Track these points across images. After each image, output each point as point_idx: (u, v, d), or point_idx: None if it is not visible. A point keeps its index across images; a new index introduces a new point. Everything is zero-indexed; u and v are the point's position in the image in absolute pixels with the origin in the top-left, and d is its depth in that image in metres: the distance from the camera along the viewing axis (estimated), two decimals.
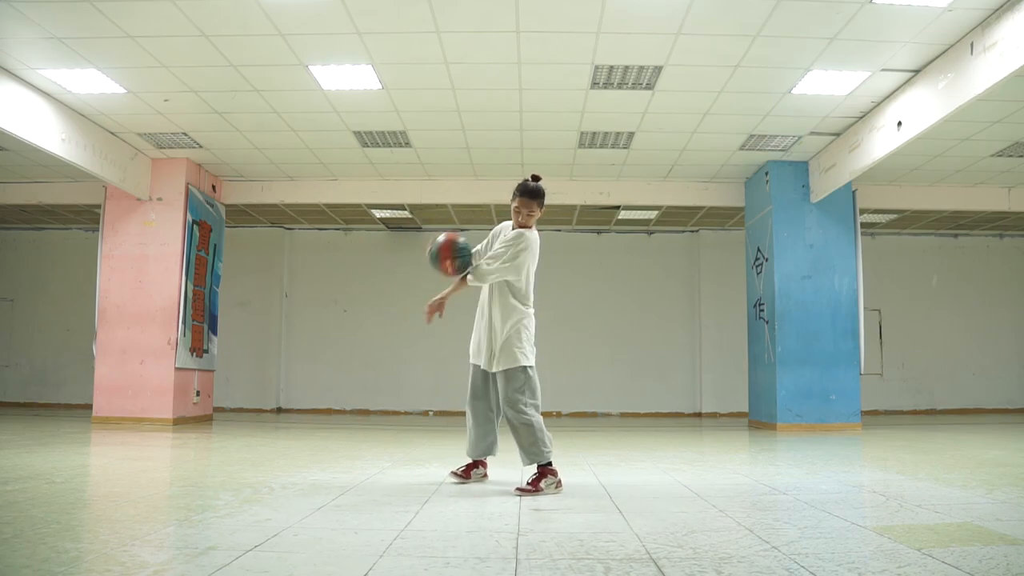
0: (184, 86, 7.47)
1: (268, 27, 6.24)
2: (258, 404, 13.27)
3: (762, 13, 5.97)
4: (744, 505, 3.69)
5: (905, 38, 6.32)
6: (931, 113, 6.84)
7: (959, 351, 13.50)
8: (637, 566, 2.44)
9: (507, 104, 7.93)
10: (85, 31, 6.29)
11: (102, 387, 9.54)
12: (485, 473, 4.51)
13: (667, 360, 13.40)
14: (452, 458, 5.78)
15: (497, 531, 2.97)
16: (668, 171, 10.23)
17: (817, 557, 2.55)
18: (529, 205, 4.19)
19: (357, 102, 7.89)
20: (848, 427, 9.34)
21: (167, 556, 2.57)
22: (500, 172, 10.25)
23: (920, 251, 13.71)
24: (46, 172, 10.15)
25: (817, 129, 8.62)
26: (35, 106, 7.57)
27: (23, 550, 2.56)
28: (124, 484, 4.31)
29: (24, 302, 13.65)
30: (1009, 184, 10.48)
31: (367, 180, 10.71)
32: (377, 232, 13.77)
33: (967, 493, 3.99)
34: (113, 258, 9.76)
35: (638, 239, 13.67)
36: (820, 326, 9.54)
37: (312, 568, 2.40)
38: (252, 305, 13.44)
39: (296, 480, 4.46)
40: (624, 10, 5.97)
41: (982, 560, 2.49)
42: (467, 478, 4.42)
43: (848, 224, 9.74)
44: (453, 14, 6.05)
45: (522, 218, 4.21)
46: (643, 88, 7.45)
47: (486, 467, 4.54)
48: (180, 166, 9.81)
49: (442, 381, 13.28)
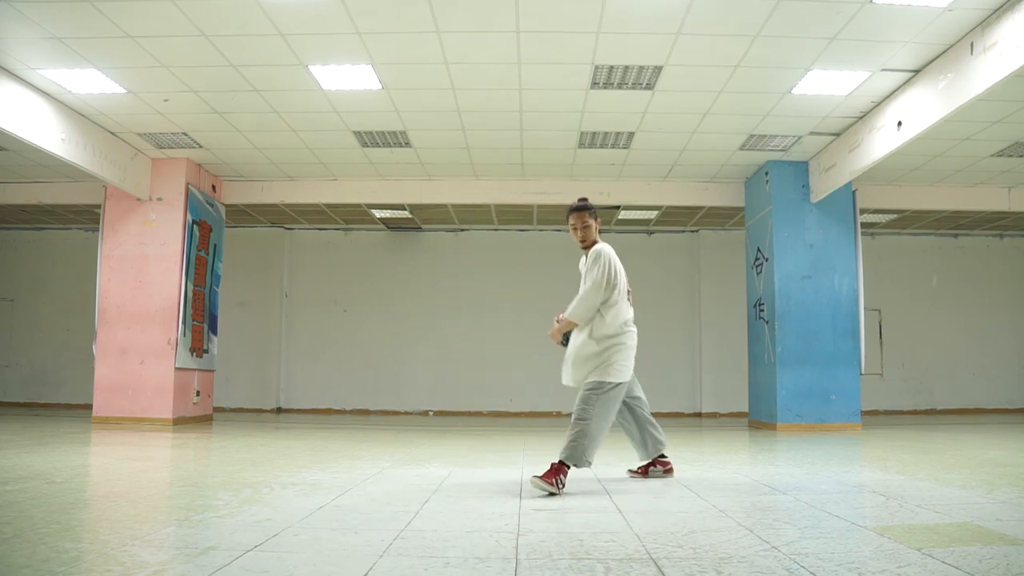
0: (184, 86, 7.47)
1: (268, 27, 6.24)
2: (258, 404, 13.27)
3: (762, 13, 5.97)
4: (744, 505, 3.69)
5: (905, 38, 6.32)
6: (931, 113, 6.84)
7: (959, 351, 13.50)
8: (637, 566, 2.44)
9: (507, 104, 7.93)
10: (85, 31, 6.29)
11: (102, 387, 9.54)
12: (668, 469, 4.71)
13: (667, 360, 13.40)
14: (452, 458, 5.78)
15: (497, 531, 2.97)
16: (668, 171, 10.23)
17: (817, 557, 2.55)
18: (580, 217, 4.41)
19: (357, 102, 7.89)
20: (848, 427, 9.34)
21: (167, 556, 2.57)
22: (500, 172, 10.25)
23: (920, 251, 13.71)
24: (46, 172, 10.15)
25: (817, 129, 8.62)
26: (35, 106, 7.57)
27: (23, 550, 2.56)
28: (124, 484, 4.31)
29: (24, 302, 13.65)
30: (1009, 184, 10.48)
31: (367, 180, 10.71)
32: (377, 232, 13.77)
33: (967, 493, 3.99)
34: (113, 258, 9.76)
35: (638, 239, 13.67)
36: (820, 326, 9.54)
37: (312, 568, 2.40)
38: (252, 305, 13.44)
39: (296, 480, 4.46)
40: (624, 10, 5.97)
41: (982, 560, 2.49)
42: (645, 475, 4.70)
43: (848, 224, 9.74)
44: (453, 14, 6.05)
45: (580, 234, 4.42)
46: (643, 88, 7.45)
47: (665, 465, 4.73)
48: (180, 166, 9.81)
49: (442, 381, 13.29)
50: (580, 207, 4.43)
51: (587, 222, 4.39)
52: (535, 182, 10.56)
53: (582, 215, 4.40)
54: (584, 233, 4.40)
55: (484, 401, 13.19)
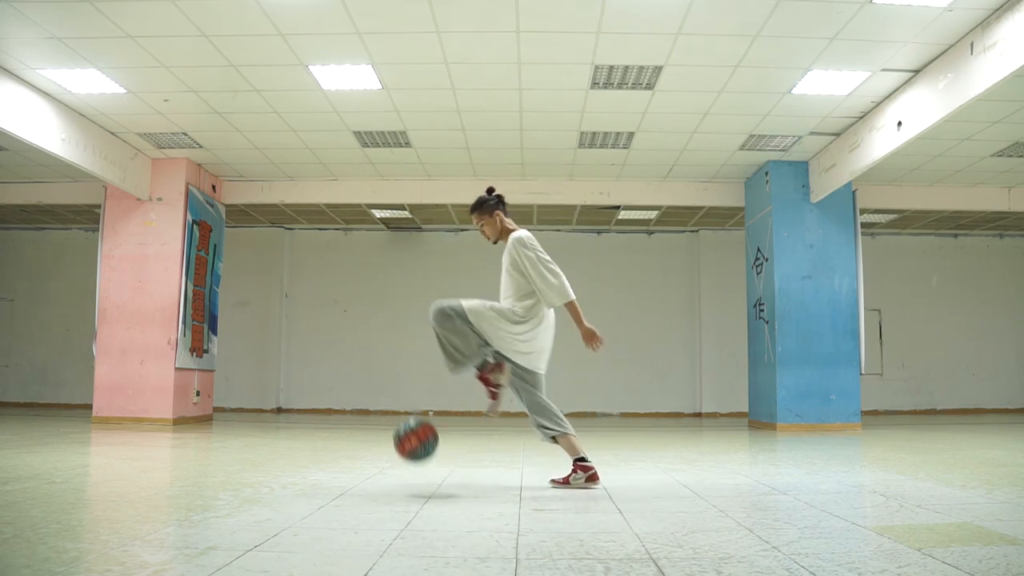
0: (184, 86, 7.47)
1: (268, 27, 6.24)
2: (258, 404, 13.27)
3: (762, 13, 5.97)
4: (744, 505, 3.69)
5: (905, 38, 6.32)
6: (931, 113, 6.84)
7: (959, 351, 13.50)
8: (637, 566, 2.44)
9: (507, 104, 7.93)
10: (85, 31, 6.29)
11: (102, 387, 9.54)
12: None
13: (667, 360, 13.40)
14: (452, 458, 5.77)
15: (497, 531, 2.97)
16: (668, 171, 10.23)
17: (817, 557, 2.55)
18: (477, 218, 4.30)
19: (357, 102, 7.89)
20: (848, 427, 9.34)
21: (167, 556, 2.57)
22: (500, 172, 10.24)
23: (920, 251, 13.71)
24: (46, 172, 10.15)
25: (817, 129, 8.62)
26: (35, 106, 7.56)
27: (23, 550, 2.56)
28: (124, 484, 4.31)
29: (24, 302, 13.65)
30: (1009, 184, 10.48)
31: (367, 180, 10.71)
32: (377, 232, 13.77)
33: (967, 493, 3.99)
34: (113, 258, 9.76)
35: (638, 239, 13.67)
36: (820, 326, 9.54)
37: (312, 568, 2.40)
38: (252, 305, 13.44)
39: (296, 480, 4.45)
40: (624, 10, 5.97)
41: (982, 560, 2.49)
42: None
43: (848, 224, 9.74)
44: (453, 14, 6.05)
45: (486, 231, 4.31)
46: (643, 88, 7.45)
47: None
48: (180, 166, 9.81)
49: (442, 381, 13.25)
50: (473, 206, 4.31)
51: (484, 219, 4.28)
52: (535, 182, 10.56)
53: (478, 216, 4.29)
54: (488, 231, 4.30)
55: (484, 401, 13.14)
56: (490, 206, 4.30)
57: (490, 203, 4.31)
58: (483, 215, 4.30)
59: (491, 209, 4.30)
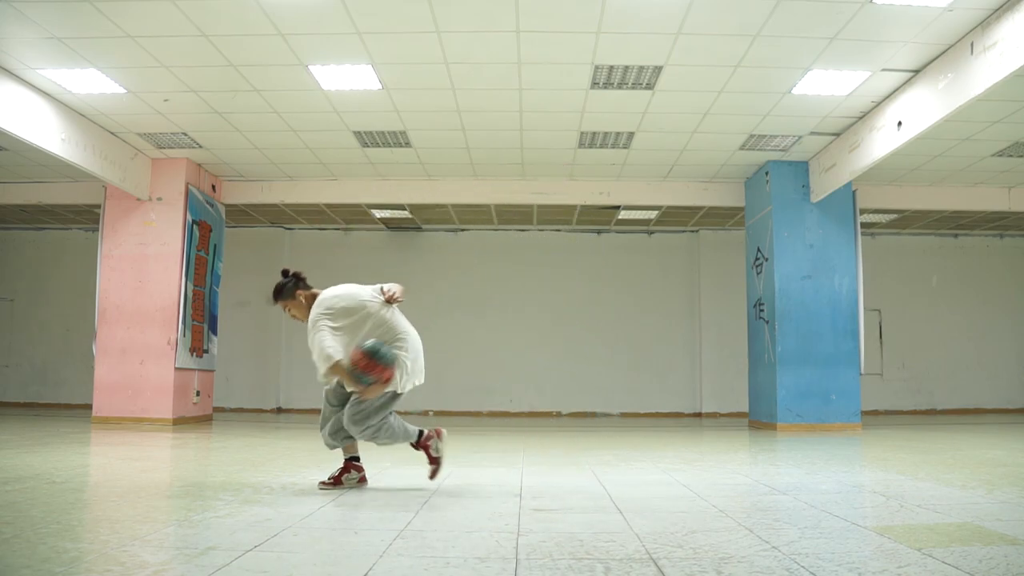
0: (184, 86, 7.47)
1: (268, 27, 6.24)
2: (258, 404, 13.27)
3: (762, 13, 5.97)
4: (744, 505, 3.69)
5: (905, 38, 6.32)
6: (931, 113, 6.84)
7: (959, 351, 13.50)
8: (637, 566, 2.44)
9: (507, 104, 7.92)
10: (85, 31, 6.29)
11: (102, 387, 9.54)
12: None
13: (667, 360, 13.40)
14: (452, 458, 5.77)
15: (497, 531, 2.97)
16: (668, 171, 10.23)
17: (817, 557, 2.55)
18: (283, 307, 4.10)
19: (357, 102, 7.88)
20: (848, 427, 9.34)
21: (167, 556, 2.57)
22: (500, 172, 10.24)
23: (920, 251, 13.71)
24: (46, 172, 10.15)
25: (817, 129, 8.62)
26: (35, 106, 7.56)
27: (23, 550, 2.56)
28: (124, 484, 4.31)
29: (24, 302, 13.65)
30: (1009, 184, 10.48)
31: (367, 180, 10.71)
32: (377, 232, 13.77)
33: (967, 493, 3.99)
34: (113, 258, 9.76)
35: (638, 239, 13.66)
36: (820, 326, 9.54)
37: (312, 568, 2.40)
38: (252, 305, 13.43)
39: (296, 480, 4.46)
40: (624, 10, 5.97)
41: (982, 560, 2.49)
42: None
43: (848, 224, 9.74)
44: (453, 14, 6.05)
45: (298, 314, 4.08)
46: (643, 88, 7.45)
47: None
48: (180, 166, 9.81)
49: (442, 381, 13.27)
50: (274, 295, 4.09)
51: (288, 304, 4.07)
52: (535, 182, 10.56)
53: (283, 304, 4.08)
54: (296, 313, 4.08)
55: (484, 401, 13.19)
56: (289, 289, 4.08)
57: (288, 286, 4.09)
58: (287, 300, 4.09)
59: (291, 292, 4.08)
